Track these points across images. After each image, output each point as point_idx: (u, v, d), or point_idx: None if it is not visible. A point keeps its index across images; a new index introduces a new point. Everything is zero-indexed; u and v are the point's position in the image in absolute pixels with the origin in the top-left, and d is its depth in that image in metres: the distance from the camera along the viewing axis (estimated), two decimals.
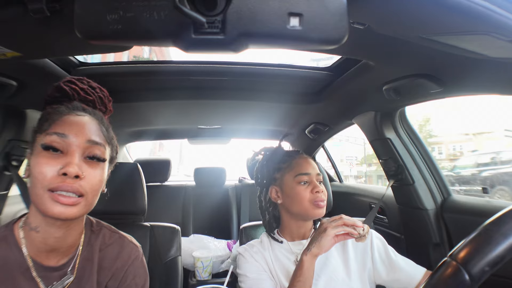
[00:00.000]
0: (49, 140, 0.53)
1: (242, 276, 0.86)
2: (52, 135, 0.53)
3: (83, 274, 0.59)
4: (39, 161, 0.52)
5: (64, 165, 0.52)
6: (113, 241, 0.66)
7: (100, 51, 0.86)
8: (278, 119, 1.78)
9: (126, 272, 0.64)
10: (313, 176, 0.89)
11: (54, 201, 0.51)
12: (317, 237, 0.75)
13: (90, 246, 0.62)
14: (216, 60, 1.18)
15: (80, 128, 0.55)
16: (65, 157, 0.53)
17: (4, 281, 0.53)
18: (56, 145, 0.53)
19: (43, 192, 0.51)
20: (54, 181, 0.51)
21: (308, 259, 0.74)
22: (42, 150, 0.53)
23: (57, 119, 0.55)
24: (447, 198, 1.29)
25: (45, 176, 0.51)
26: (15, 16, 0.59)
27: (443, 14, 0.52)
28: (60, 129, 0.54)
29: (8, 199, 1.24)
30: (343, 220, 0.75)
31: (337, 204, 1.59)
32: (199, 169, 2.44)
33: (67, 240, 0.57)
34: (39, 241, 0.55)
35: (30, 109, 1.18)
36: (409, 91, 1.02)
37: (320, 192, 0.86)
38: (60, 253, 0.58)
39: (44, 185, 0.51)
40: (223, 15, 0.43)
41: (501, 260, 0.35)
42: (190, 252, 1.72)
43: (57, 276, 0.57)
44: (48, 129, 0.54)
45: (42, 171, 0.51)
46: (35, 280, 0.55)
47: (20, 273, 0.55)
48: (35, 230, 0.55)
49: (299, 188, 0.87)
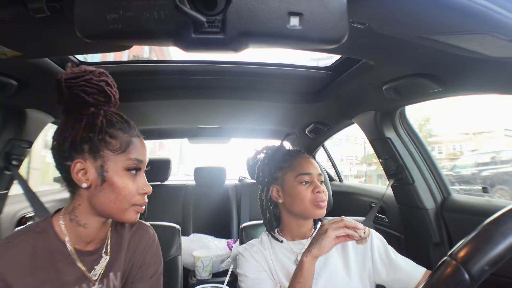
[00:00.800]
0: (131, 164, 0.65)
1: (242, 276, 0.86)
2: (134, 161, 0.65)
3: (114, 255, 0.71)
4: (125, 181, 0.64)
5: (142, 186, 0.66)
6: (135, 228, 0.77)
7: (100, 50, 0.86)
8: (278, 118, 1.78)
9: (146, 252, 0.76)
10: (314, 176, 0.89)
11: (136, 212, 0.66)
12: (317, 238, 0.75)
13: (117, 232, 0.74)
14: (216, 59, 1.17)
15: (145, 152, 0.69)
16: (139, 176, 0.67)
17: (48, 267, 0.62)
18: (137, 166, 0.66)
19: (128, 206, 0.65)
20: (140, 199, 0.66)
21: (309, 260, 0.74)
22: (126, 171, 0.64)
23: (130, 141, 0.66)
24: (447, 197, 1.29)
25: (133, 195, 0.65)
26: (15, 16, 0.59)
27: (443, 13, 0.52)
28: (138, 154, 0.66)
29: (8, 198, 1.24)
30: (344, 222, 0.75)
31: (337, 204, 1.59)
32: (199, 168, 2.45)
33: (103, 231, 0.70)
34: (84, 234, 0.66)
35: (30, 108, 1.18)
36: (409, 91, 1.02)
37: (321, 192, 0.86)
38: (97, 241, 0.69)
39: (130, 202, 0.64)
40: (223, 15, 0.43)
41: (501, 259, 0.35)
42: (190, 251, 1.73)
43: (92, 259, 0.68)
44: (126, 152, 0.64)
45: (130, 191, 0.64)
46: (77, 265, 0.65)
47: (62, 259, 0.64)
48: (83, 226, 0.65)
49: (300, 188, 0.87)
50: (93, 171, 0.62)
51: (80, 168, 0.62)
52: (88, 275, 0.66)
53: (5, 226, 1.24)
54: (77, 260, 0.65)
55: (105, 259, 0.68)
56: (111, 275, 0.69)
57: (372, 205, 1.68)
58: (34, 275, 0.60)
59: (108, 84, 0.66)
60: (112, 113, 0.66)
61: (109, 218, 0.68)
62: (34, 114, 1.21)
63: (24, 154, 1.22)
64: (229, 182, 2.51)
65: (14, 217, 1.30)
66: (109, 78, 0.68)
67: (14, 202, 1.32)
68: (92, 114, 0.64)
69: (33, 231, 0.64)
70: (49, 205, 1.19)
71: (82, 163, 0.62)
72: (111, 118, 0.65)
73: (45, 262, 0.62)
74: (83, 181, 0.62)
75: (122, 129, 0.66)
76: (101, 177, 0.62)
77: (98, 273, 0.67)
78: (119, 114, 0.68)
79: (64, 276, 0.63)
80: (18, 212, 1.33)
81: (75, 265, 0.65)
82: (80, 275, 0.65)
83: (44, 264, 0.62)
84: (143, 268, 0.75)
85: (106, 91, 0.65)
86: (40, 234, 0.64)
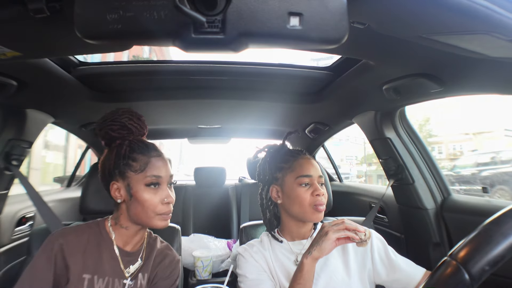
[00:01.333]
0: (150, 181, 0.77)
1: (241, 277, 0.86)
2: (153, 177, 0.77)
3: (146, 261, 0.85)
4: (147, 195, 0.76)
5: (165, 197, 0.78)
6: (163, 248, 0.91)
7: (100, 50, 0.86)
8: (278, 118, 1.78)
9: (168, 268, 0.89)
10: (314, 178, 0.88)
11: (163, 220, 0.78)
12: (318, 240, 0.75)
13: (150, 245, 0.89)
14: (216, 59, 1.18)
15: (165, 168, 0.80)
16: (160, 189, 0.78)
17: (95, 256, 0.78)
18: (155, 181, 0.78)
19: (154, 215, 0.77)
20: (163, 208, 0.78)
21: (309, 262, 0.74)
22: (147, 187, 0.77)
23: (148, 161, 0.78)
24: (447, 197, 1.29)
25: (156, 206, 0.77)
26: (15, 16, 0.59)
27: (443, 13, 0.52)
28: (155, 171, 0.78)
29: (8, 198, 1.24)
30: (345, 224, 0.74)
31: (337, 204, 1.59)
32: (199, 168, 2.44)
33: (139, 235, 0.84)
34: (125, 234, 0.82)
35: (30, 108, 1.18)
36: (409, 91, 1.02)
37: (320, 195, 0.85)
38: (134, 243, 0.84)
39: (155, 211, 0.77)
40: (223, 15, 0.42)
41: (501, 259, 0.35)
42: (190, 251, 1.73)
43: (129, 260, 0.82)
44: (145, 171, 0.77)
45: (152, 203, 0.76)
46: (118, 259, 0.80)
47: (108, 253, 0.79)
48: (125, 228, 0.81)
49: (300, 190, 0.86)
50: (123, 190, 0.78)
51: (116, 188, 0.79)
52: (123, 270, 0.80)
53: (5, 226, 1.24)
54: (118, 256, 0.80)
55: (140, 263, 0.83)
56: (139, 275, 0.83)
57: (372, 205, 1.68)
58: (84, 261, 0.76)
59: (131, 119, 0.82)
60: (136, 141, 0.81)
61: (142, 225, 0.81)
62: (34, 114, 1.21)
63: (24, 154, 1.22)
64: (229, 182, 2.50)
65: (14, 217, 1.30)
66: (132, 114, 0.83)
67: (14, 202, 1.32)
68: (119, 145, 0.80)
69: (89, 226, 0.82)
70: (50, 205, 1.19)
71: (116, 184, 0.79)
72: (134, 145, 0.80)
73: (94, 251, 0.78)
74: (118, 197, 0.79)
75: (142, 152, 0.79)
76: (129, 194, 0.78)
77: (131, 271, 0.81)
78: (141, 140, 0.82)
79: (105, 265, 0.78)
80: (18, 212, 1.33)
81: (116, 259, 0.80)
82: (117, 268, 0.80)
83: (92, 253, 0.78)
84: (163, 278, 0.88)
85: (127, 126, 0.81)
86: (93, 230, 0.81)
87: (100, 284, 0.77)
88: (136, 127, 0.83)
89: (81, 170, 2.32)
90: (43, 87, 1.08)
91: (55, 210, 1.20)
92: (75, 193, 1.89)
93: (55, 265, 0.73)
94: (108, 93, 1.30)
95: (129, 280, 0.80)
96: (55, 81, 1.06)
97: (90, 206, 1.18)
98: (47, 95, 1.16)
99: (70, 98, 1.25)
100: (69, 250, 0.75)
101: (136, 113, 0.85)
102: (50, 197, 1.61)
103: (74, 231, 0.79)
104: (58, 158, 9.05)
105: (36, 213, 1.41)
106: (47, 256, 0.74)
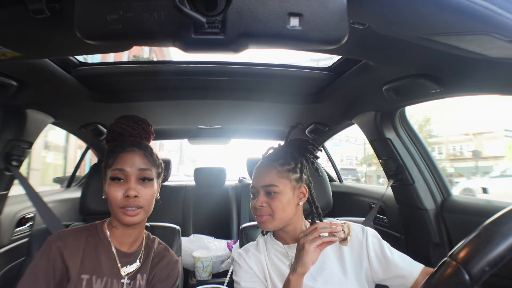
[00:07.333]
0: (114, 174, 0.79)
1: (236, 283, 0.87)
2: (115, 170, 0.79)
3: (143, 263, 0.87)
4: (110, 189, 0.78)
5: (126, 190, 0.77)
6: (161, 249, 0.92)
7: (100, 51, 0.86)
8: (278, 119, 1.78)
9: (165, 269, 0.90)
10: (258, 187, 0.87)
11: (125, 214, 0.77)
12: (298, 255, 0.74)
13: (148, 247, 0.90)
14: (216, 60, 1.17)
15: (132, 161, 0.80)
16: (126, 183, 0.78)
17: (93, 257, 0.80)
18: (119, 176, 0.79)
19: (117, 209, 0.78)
20: (122, 202, 0.77)
21: (295, 278, 0.73)
22: (111, 181, 0.79)
23: (116, 157, 0.80)
24: (447, 198, 1.29)
25: (116, 199, 0.77)
26: (15, 16, 0.59)
27: (443, 14, 0.52)
28: (120, 165, 0.79)
29: (8, 199, 1.24)
30: (318, 230, 0.73)
31: (337, 204, 1.59)
32: (199, 169, 2.44)
33: (133, 234, 0.86)
34: (118, 235, 0.84)
35: (30, 109, 1.18)
36: (409, 91, 1.02)
37: (257, 208, 0.86)
38: (129, 243, 0.86)
39: (116, 204, 0.77)
40: (223, 15, 0.42)
41: (501, 260, 0.35)
42: (190, 252, 1.72)
43: (127, 260, 0.84)
44: (112, 166, 0.79)
45: (114, 196, 0.77)
46: (115, 259, 0.82)
47: (105, 253, 0.82)
48: (115, 228, 0.84)
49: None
50: (104, 184, 0.82)
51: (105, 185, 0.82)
52: (120, 270, 0.82)
53: (5, 226, 1.24)
54: (115, 256, 0.82)
55: (138, 265, 0.85)
56: (138, 276, 0.85)
57: (372, 205, 1.68)
58: (82, 262, 0.78)
59: (122, 123, 0.85)
60: (119, 140, 0.84)
61: (118, 222, 0.82)
62: (34, 114, 1.21)
63: (24, 154, 1.22)
64: (229, 183, 2.50)
65: (14, 217, 1.30)
66: (128, 119, 0.86)
67: (14, 202, 1.32)
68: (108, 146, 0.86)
69: (87, 229, 0.85)
70: (50, 205, 1.18)
71: (104, 182, 0.82)
72: (116, 144, 0.83)
73: (92, 252, 0.80)
74: (104, 195, 0.82)
75: (117, 149, 0.82)
76: (104, 187, 0.82)
77: (128, 271, 0.83)
78: (127, 139, 0.84)
79: (103, 266, 0.80)
80: (18, 212, 1.33)
81: (113, 260, 0.82)
82: (115, 269, 0.82)
83: (90, 254, 0.80)
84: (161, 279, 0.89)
85: (115, 129, 0.85)
86: (91, 231, 0.84)
87: (98, 284, 0.78)
88: (126, 129, 0.85)
89: (81, 171, 2.32)
90: (43, 88, 1.08)
91: (55, 210, 1.20)
92: (75, 193, 1.89)
93: (54, 267, 0.75)
94: (108, 93, 1.30)
95: (126, 279, 0.82)
96: (55, 82, 1.06)
97: (90, 207, 1.18)
98: (47, 96, 1.16)
99: (70, 98, 1.25)
100: (67, 251, 0.77)
101: (134, 117, 0.88)
102: (50, 198, 1.61)
103: (72, 233, 0.82)
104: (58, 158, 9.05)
105: (36, 214, 1.41)
106: (46, 258, 0.76)
